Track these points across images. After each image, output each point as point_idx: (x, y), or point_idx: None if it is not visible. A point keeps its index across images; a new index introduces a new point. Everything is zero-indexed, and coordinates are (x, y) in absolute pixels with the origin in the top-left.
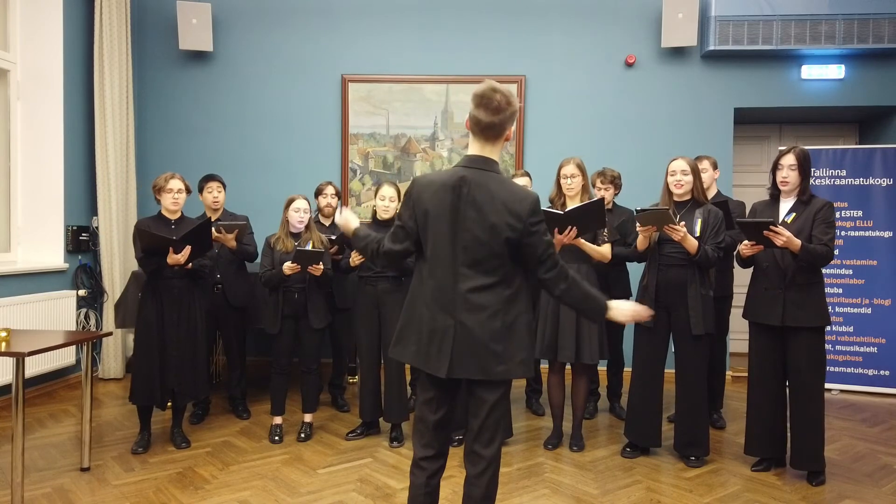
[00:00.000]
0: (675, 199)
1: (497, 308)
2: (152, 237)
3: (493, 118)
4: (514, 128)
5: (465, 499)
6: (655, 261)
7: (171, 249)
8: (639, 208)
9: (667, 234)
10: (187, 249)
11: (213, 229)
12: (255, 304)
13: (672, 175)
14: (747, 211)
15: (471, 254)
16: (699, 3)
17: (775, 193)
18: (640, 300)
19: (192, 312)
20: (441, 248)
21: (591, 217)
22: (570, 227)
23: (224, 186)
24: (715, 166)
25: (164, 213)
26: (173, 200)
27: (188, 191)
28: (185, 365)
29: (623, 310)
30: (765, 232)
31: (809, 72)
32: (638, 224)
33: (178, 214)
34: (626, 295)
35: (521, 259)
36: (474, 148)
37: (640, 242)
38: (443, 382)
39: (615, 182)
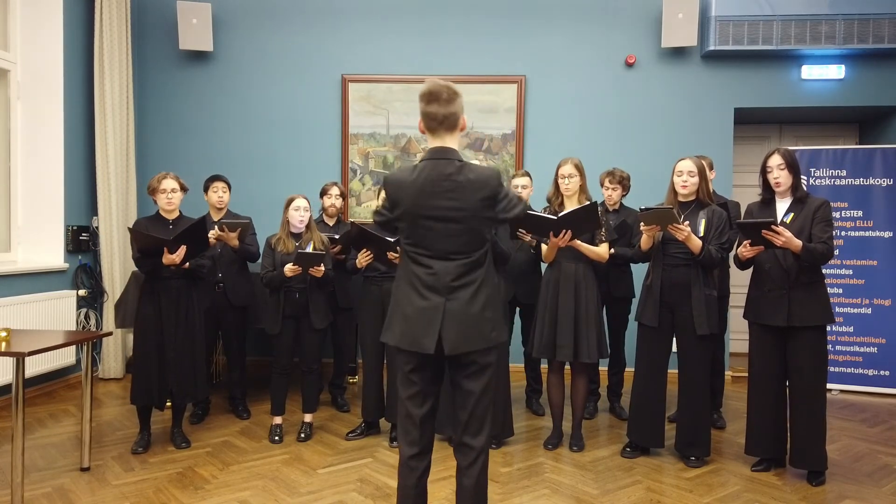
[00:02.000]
0: (680, 199)
1: (480, 282)
2: (147, 238)
3: (448, 109)
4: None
5: (458, 490)
6: (660, 260)
7: (165, 249)
8: (643, 207)
9: (671, 233)
10: (182, 249)
11: (216, 228)
12: (257, 304)
13: (679, 175)
14: (742, 210)
15: (453, 239)
16: (699, 3)
17: (768, 197)
18: (643, 300)
19: (190, 312)
20: (425, 238)
21: (586, 220)
22: (564, 230)
23: (229, 187)
24: (711, 167)
25: (161, 213)
26: (167, 200)
27: (184, 189)
28: (183, 365)
29: None
30: (763, 232)
31: (809, 72)
32: (642, 223)
33: (176, 214)
34: (628, 295)
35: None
36: (435, 142)
37: (645, 242)
38: (426, 374)
39: (623, 183)
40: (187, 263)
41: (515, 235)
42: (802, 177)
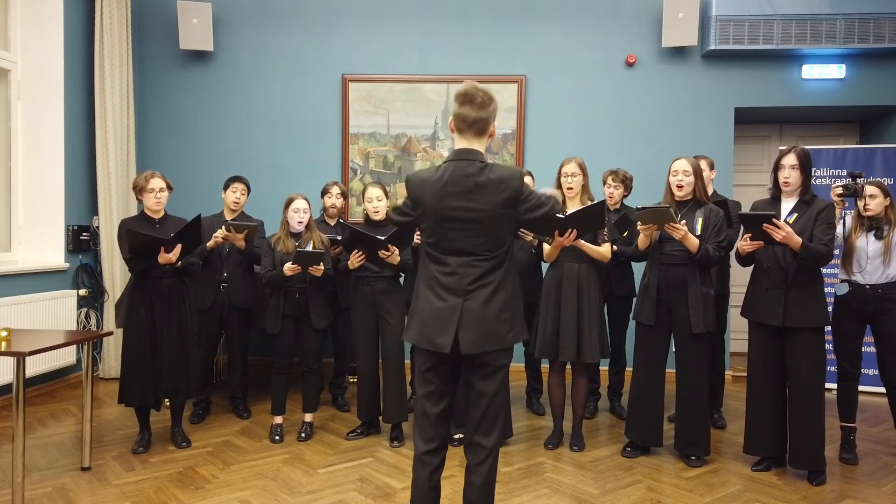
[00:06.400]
0: (677, 198)
1: (498, 283)
2: (145, 237)
3: (479, 113)
4: (496, 124)
5: (465, 487)
6: (657, 260)
7: (162, 249)
8: (640, 206)
9: (668, 232)
10: (178, 248)
11: (223, 227)
12: (260, 307)
13: (674, 175)
14: (745, 209)
15: (472, 240)
16: (700, 2)
17: (776, 194)
18: (641, 299)
19: (181, 311)
20: (445, 238)
21: (592, 219)
22: (570, 229)
23: (248, 189)
24: (711, 166)
25: (148, 212)
26: (156, 200)
27: (170, 188)
28: (177, 364)
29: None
30: (764, 226)
31: (810, 71)
32: (639, 222)
33: (162, 213)
34: (630, 294)
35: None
36: (462, 143)
37: (642, 241)
38: (443, 373)
39: (626, 183)
40: (179, 262)
41: (517, 235)
42: None
